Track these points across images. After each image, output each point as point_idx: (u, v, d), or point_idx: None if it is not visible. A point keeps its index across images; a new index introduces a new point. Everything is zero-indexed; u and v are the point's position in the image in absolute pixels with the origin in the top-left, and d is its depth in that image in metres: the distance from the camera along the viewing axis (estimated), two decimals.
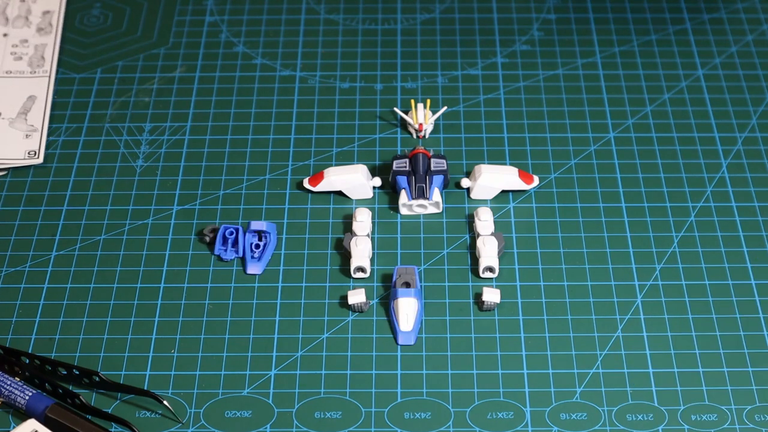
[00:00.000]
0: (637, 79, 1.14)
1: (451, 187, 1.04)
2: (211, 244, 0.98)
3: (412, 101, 1.10)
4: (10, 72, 1.14)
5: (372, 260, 0.98)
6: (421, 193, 1.01)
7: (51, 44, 1.16)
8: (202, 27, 1.20)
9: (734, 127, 1.09)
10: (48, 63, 1.14)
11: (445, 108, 1.09)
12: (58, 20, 1.19)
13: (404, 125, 1.09)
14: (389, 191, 1.03)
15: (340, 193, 1.03)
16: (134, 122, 1.09)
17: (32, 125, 1.08)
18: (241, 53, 1.17)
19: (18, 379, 0.89)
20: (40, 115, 1.09)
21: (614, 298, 0.95)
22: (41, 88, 1.12)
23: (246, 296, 0.95)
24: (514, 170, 1.03)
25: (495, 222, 1.01)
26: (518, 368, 0.90)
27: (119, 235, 1.00)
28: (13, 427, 0.86)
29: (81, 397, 0.87)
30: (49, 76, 1.13)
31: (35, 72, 1.13)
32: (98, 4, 1.23)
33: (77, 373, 0.88)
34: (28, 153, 1.05)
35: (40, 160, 1.05)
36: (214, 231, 0.98)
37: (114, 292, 0.95)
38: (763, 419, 0.87)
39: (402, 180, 1.02)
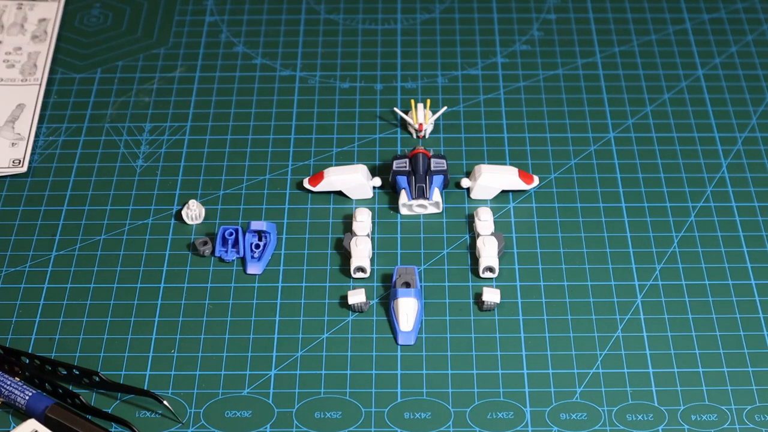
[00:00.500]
0: (637, 79, 1.14)
1: (451, 187, 1.04)
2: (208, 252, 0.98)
3: (412, 101, 1.10)
4: (1, 80, 1.13)
5: (372, 260, 0.98)
6: (421, 193, 1.01)
7: (44, 52, 1.16)
8: (202, 27, 1.20)
9: (734, 127, 1.09)
10: (40, 71, 1.14)
11: (445, 108, 1.09)
12: (53, 28, 1.18)
13: (404, 125, 1.09)
14: (389, 191, 1.03)
15: (340, 193, 1.03)
16: (134, 122, 1.10)
17: (19, 133, 1.08)
18: (241, 53, 1.17)
19: (18, 379, 0.89)
20: (27, 124, 1.08)
21: (614, 298, 0.95)
22: (31, 96, 1.11)
23: (246, 296, 0.95)
24: (514, 170, 1.03)
25: (495, 222, 1.01)
26: (518, 368, 0.90)
27: (119, 235, 1.00)
28: (13, 427, 0.86)
29: (81, 397, 0.87)
30: (40, 85, 1.12)
31: (26, 80, 1.13)
32: (98, 4, 1.23)
33: (77, 373, 0.88)
34: (13, 162, 1.05)
35: (24, 169, 1.04)
36: (207, 242, 0.98)
37: (114, 292, 0.95)
38: (763, 419, 0.87)
39: (402, 180, 1.02)
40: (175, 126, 1.09)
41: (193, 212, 1.00)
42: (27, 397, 0.87)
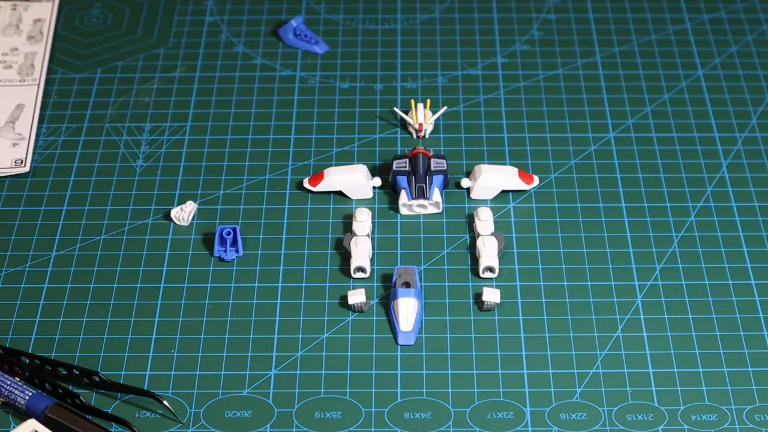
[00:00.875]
0: (637, 79, 1.14)
1: (451, 187, 1.04)
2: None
3: (412, 101, 1.10)
4: None
5: (372, 260, 0.98)
6: (421, 193, 1.01)
7: (41, 52, 1.16)
8: (202, 27, 1.20)
9: (734, 127, 1.09)
10: (37, 71, 1.14)
11: (445, 108, 1.09)
12: (49, 28, 1.18)
13: (404, 125, 1.09)
14: (389, 191, 1.03)
15: (340, 193, 1.03)
16: (134, 122, 1.10)
17: (20, 134, 1.08)
18: (241, 53, 1.17)
19: (18, 379, 0.89)
20: (27, 124, 1.08)
21: (614, 298, 0.95)
22: (30, 96, 1.11)
23: (246, 296, 0.95)
24: (514, 170, 1.03)
25: (495, 222, 1.01)
26: (518, 368, 0.90)
27: (119, 235, 1.00)
28: (13, 427, 0.86)
29: (81, 397, 0.87)
30: (38, 85, 1.12)
31: (24, 80, 1.13)
32: (98, 4, 1.23)
33: (77, 373, 0.88)
34: (15, 162, 1.05)
35: (27, 168, 1.04)
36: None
37: (114, 292, 0.95)
38: (763, 419, 0.87)
39: (402, 180, 1.02)
40: (175, 126, 1.09)
41: (186, 213, 0.99)
42: (27, 397, 0.87)
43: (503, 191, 1.03)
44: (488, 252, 0.96)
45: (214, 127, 1.09)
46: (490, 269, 0.96)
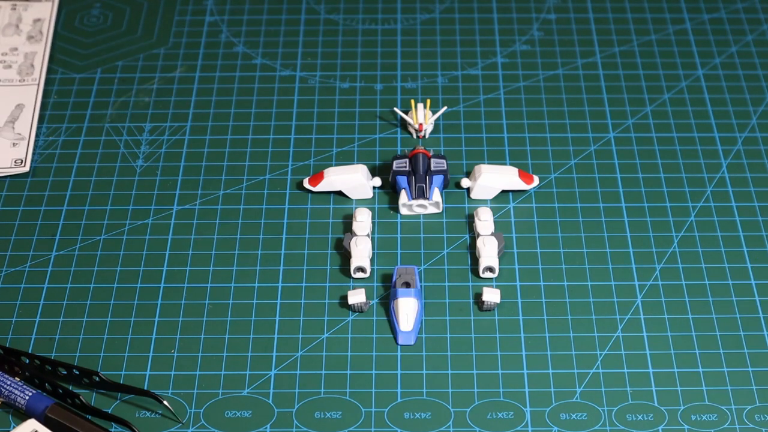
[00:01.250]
0: (637, 79, 1.14)
1: (451, 187, 1.04)
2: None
3: (412, 101, 1.10)
4: None
5: (372, 260, 0.98)
6: (421, 193, 1.01)
7: (41, 52, 1.16)
8: (202, 27, 1.20)
9: (734, 127, 1.09)
10: (37, 71, 1.14)
11: (445, 108, 1.09)
12: (48, 28, 1.18)
13: (404, 125, 1.09)
14: (389, 191, 1.03)
15: (340, 193, 1.03)
16: (134, 122, 1.10)
17: (19, 133, 1.08)
18: (241, 53, 1.17)
19: (18, 379, 0.89)
20: (27, 124, 1.08)
21: (614, 298, 0.95)
22: (29, 96, 1.11)
23: (246, 296, 0.95)
24: (514, 170, 1.03)
25: (495, 222, 1.01)
26: (518, 368, 0.90)
27: (119, 235, 1.00)
28: (13, 427, 0.86)
29: (81, 397, 0.87)
30: (38, 84, 1.12)
31: (24, 80, 1.13)
32: (98, 4, 1.23)
33: (77, 373, 0.88)
34: (15, 162, 1.05)
35: (26, 168, 1.04)
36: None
37: (114, 292, 0.95)
38: (763, 419, 0.87)
39: (402, 180, 1.02)
40: (175, 126, 1.09)
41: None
42: (27, 397, 0.87)
43: (503, 191, 1.03)
44: (488, 252, 0.96)
45: (214, 127, 1.09)
46: (490, 269, 0.96)
